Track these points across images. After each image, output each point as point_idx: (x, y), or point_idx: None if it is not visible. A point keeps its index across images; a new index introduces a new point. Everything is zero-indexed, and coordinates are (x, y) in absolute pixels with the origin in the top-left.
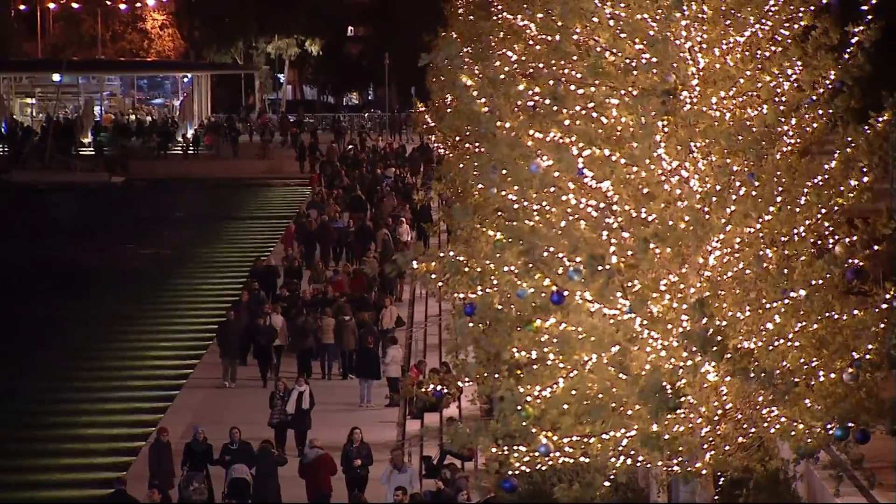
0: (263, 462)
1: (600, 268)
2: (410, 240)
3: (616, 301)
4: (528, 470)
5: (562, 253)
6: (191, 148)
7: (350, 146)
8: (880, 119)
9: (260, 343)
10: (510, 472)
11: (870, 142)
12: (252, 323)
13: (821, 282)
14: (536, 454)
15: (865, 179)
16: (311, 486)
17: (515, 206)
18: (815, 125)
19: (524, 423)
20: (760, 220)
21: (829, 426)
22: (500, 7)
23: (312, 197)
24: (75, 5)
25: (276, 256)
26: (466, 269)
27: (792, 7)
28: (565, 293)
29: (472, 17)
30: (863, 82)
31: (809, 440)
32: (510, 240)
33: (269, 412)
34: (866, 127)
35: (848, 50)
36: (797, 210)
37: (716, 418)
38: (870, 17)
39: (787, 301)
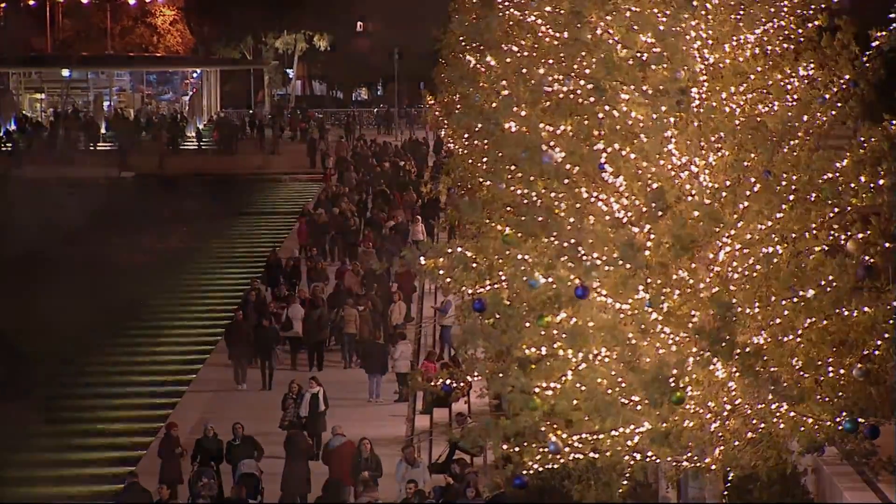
0: (294, 447)
1: (622, 265)
2: (424, 238)
3: (630, 295)
4: (538, 468)
5: (582, 248)
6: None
7: (360, 142)
8: (893, 122)
9: (264, 344)
10: (523, 472)
11: (883, 143)
12: (258, 324)
13: (832, 280)
14: (547, 451)
15: (881, 182)
16: (333, 473)
17: (525, 200)
18: (826, 122)
19: (534, 416)
20: (772, 217)
21: (837, 420)
22: (507, 3)
23: (320, 195)
24: (84, 0)
25: (288, 251)
26: (475, 265)
27: (809, 10)
28: (588, 286)
29: (480, 12)
30: (877, 84)
31: (819, 435)
32: (520, 235)
33: (279, 409)
34: (880, 128)
35: (867, 53)
36: (809, 207)
37: (725, 414)
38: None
39: (795, 299)
